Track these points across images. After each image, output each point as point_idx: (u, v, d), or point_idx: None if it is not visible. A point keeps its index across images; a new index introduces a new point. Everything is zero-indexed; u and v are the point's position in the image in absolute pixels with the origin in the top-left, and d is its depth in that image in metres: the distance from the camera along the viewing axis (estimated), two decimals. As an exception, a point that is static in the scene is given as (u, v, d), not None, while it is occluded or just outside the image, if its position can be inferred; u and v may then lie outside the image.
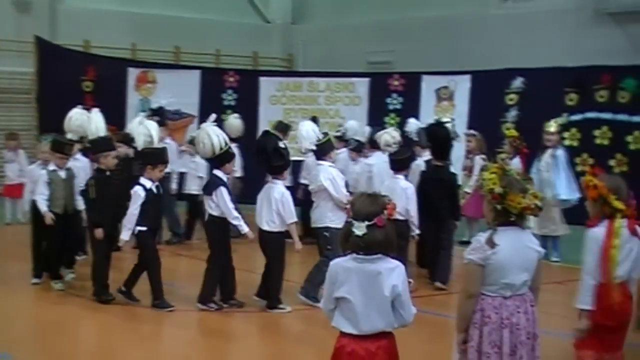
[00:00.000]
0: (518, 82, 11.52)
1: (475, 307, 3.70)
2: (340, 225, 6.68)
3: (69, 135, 8.29)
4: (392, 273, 3.42)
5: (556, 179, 9.13)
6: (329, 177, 7.06)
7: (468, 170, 10.08)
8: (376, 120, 11.77)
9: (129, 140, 8.53)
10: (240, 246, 7.62)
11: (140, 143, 7.97)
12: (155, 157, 7.13)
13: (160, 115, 10.57)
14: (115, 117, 11.53)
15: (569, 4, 13.66)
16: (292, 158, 10.45)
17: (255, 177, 8.89)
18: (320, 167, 7.23)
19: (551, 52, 12.87)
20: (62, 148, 7.63)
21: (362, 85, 12.87)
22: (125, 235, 6.89)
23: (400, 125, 10.89)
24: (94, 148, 7.54)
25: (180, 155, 10.45)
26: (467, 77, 12.12)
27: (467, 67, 12.45)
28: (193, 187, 10.02)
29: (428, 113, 11.86)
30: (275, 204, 6.76)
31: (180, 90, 12.93)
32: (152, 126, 8.14)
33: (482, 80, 11.97)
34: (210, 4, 17.01)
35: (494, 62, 12.36)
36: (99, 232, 7.05)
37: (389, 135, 8.90)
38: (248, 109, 12.67)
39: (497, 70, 11.84)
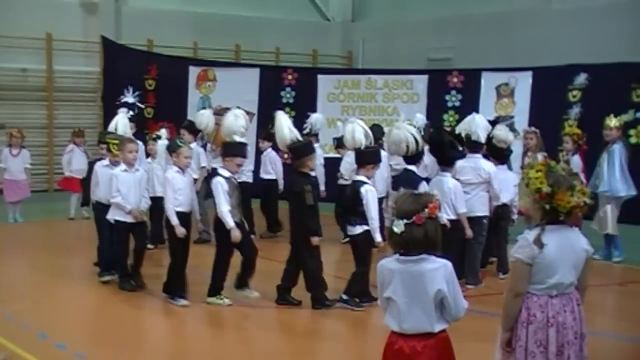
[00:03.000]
0: (582, 78, 11.23)
1: (521, 305, 3.63)
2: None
3: (236, 138, 7.19)
4: (437, 273, 3.37)
5: (610, 174, 8.89)
6: (492, 170, 7.68)
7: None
8: (434, 117, 11.65)
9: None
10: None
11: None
12: (374, 156, 7.11)
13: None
14: (176, 114, 11.77)
15: (636, -3, 13.26)
16: (327, 155, 10.86)
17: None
18: (480, 160, 7.65)
19: (616, 47, 12.50)
20: (243, 151, 7.10)
21: (420, 83, 12.77)
22: (379, 237, 6.78)
23: (458, 123, 10.76)
24: (297, 152, 7.03)
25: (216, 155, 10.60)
26: (529, 74, 11.90)
27: (528, 63, 12.22)
28: None
29: (488, 110, 11.65)
30: (449, 194, 7.08)
31: (239, 88, 13.07)
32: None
33: (544, 76, 11.73)
34: (270, 2, 17.18)
35: (556, 58, 12.08)
36: (316, 240, 6.81)
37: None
38: (306, 106, 12.70)
39: (559, 67, 11.57)
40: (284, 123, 7.08)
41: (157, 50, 15.08)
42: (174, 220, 6.86)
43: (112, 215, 7.47)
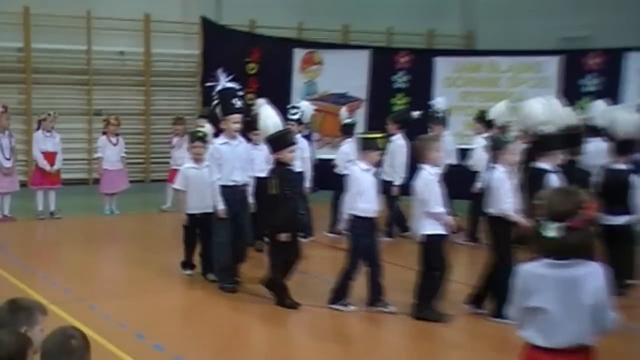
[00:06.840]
0: None
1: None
2: None
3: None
4: (593, 278, 3.24)
5: None
6: None
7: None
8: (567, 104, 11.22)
9: None
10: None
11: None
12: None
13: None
14: (279, 101, 11.80)
15: None
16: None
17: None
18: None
19: None
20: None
21: (551, 65, 12.45)
22: None
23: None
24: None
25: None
26: (680, 53, 11.31)
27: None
28: None
29: (631, 95, 11.18)
30: None
31: (347, 72, 13.03)
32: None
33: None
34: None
35: None
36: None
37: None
38: (420, 92, 12.51)
39: None
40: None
41: (259, 31, 15.19)
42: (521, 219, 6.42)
43: (428, 230, 6.66)
